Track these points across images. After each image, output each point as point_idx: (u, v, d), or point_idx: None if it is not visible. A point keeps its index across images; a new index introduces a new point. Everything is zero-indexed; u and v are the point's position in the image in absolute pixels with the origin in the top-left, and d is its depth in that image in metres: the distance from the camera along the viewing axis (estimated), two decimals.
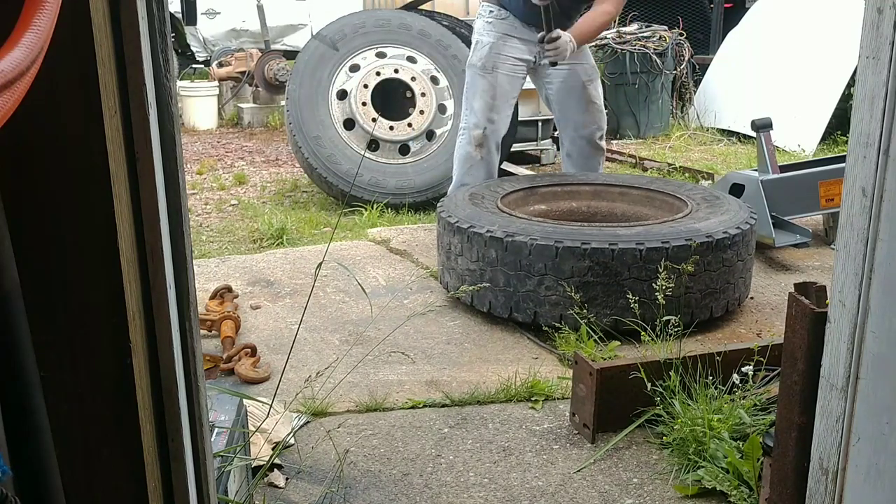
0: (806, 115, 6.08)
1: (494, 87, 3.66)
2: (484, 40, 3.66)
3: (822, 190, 3.67)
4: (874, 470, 1.16)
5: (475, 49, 3.70)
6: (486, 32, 3.67)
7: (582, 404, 2.18)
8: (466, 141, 3.74)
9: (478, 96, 3.67)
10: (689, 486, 1.92)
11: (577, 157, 3.89)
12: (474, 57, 3.69)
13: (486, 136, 3.70)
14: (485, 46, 3.65)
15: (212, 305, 2.97)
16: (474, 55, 3.70)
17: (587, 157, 3.88)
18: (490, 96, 3.66)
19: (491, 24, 3.66)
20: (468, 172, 3.75)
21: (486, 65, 3.65)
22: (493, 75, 3.65)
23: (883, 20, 1.07)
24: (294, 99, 4.66)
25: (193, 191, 5.19)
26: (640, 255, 2.64)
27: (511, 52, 3.66)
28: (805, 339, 1.33)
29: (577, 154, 3.88)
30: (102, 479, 0.96)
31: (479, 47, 3.68)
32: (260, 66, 7.75)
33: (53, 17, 0.72)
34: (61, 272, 0.89)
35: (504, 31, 3.64)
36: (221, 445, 1.64)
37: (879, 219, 1.10)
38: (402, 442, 2.18)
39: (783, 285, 3.32)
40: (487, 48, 3.64)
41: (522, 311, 2.77)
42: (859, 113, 1.13)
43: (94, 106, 0.85)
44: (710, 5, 8.73)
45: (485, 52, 3.65)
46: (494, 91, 3.66)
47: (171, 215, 0.99)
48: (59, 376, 0.91)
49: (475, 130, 3.69)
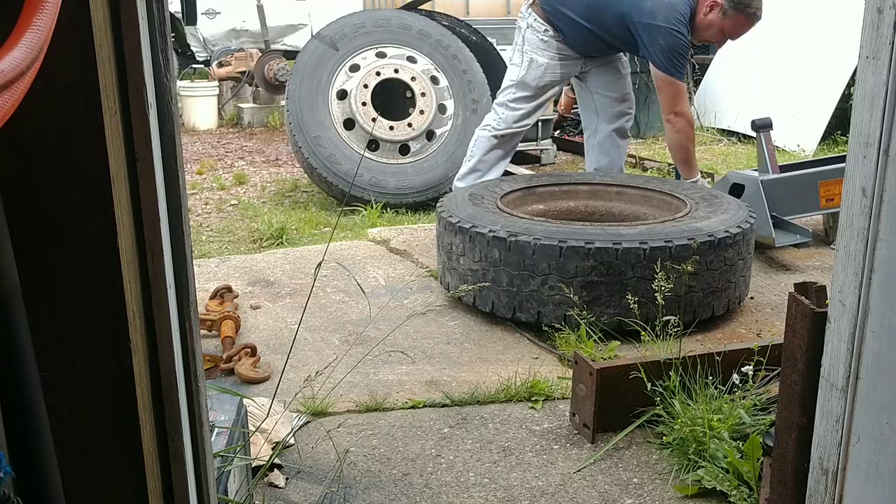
0: (806, 115, 6.07)
1: (540, 102, 3.87)
2: (539, 60, 3.74)
3: (822, 190, 3.67)
4: (874, 470, 1.16)
5: (529, 67, 3.76)
6: (542, 52, 3.74)
7: (582, 404, 2.18)
8: (492, 131, 3.88)
9: (521, 106, 3.83)
10: (689, 486, 1.92)
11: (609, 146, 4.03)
12: (528, 76, 3.77)
13: (515, 136, 3.92)
14: (539, 67, 3.74)
15: (212, 305, 2.97)
16: (528, 74, 3.77)
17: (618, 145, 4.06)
18: (534, 108, 3.87)
19: (547, 42, 3.73)
20: (484, 158, 3.89)
21: (539, 85, 3.79)
22: (544, 93, 3.83)
23: (883, 20, 1.07)
24: (294, 99, 4.65)
25: (193, 191, 5.19)
26: (643, 255, 2.64)
27: (562, 70, 3.79)
28: (805, 339, 1.33)
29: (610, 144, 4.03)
30: (102, 479, 0.96)
31: (533, 67, 3.75)
32: (260, 66, 7.74)
33: (53, 17, 0.72)
34: (61, 272, 0.89)
35: (558, 51, 3.74)
36: (221, 445, 1.64)
37: (879, 219, 1.10)
38: (402, 442, 2.18)
39: (783, 285, 3.32)
40: (542, 69, 3.75)
41: (526, 311, 2.77)
42: (859, 113, 1.13)
43: (94, 106, 0.85)
44: None
45: (539, 72, 3.75)
46: (539, 105, 3.89)
47: (171, 215, 0.99)
48: (59, 376, 0.91)
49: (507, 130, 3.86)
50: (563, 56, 3.77)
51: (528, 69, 3.78)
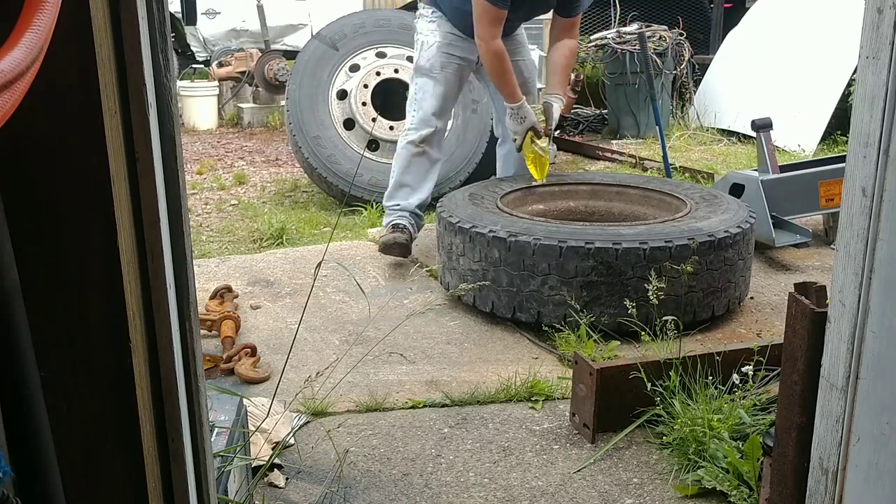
0: (806, 115, 6.07)
1: (444, 88, 3.57)
2: (429, 41, 3.55)
3: (822, 190, 3.67)
4: (874, 470, 1.16)
5: (422, 50, 3.57)
6: (431, 33, 3.56)
7: (582, 404, 2.18)
8: (409, 139, 3.60)
9: (428, 98, 3.57)
10: (689, 486, 1.92)
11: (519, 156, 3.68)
12: (422, 59, 3.57)
13: (434, 135, 3.60)
14: (431, 47, 3.54)
15: (212, 305, 2.97)
16: (422, 57, 3.57)
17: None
18: (442, 98, 3.57)
19: (435, 23, 3.55)
20: (407, 170, 3.61)
21: (434, 66, 3.54)
22: (443, 75, 3.55)
23: (883, 20, 1.07)
24: (294, 99, 4.66)
25: (193, 191, 5.19)
26: (643, 255, 2.64)
27: (457, 52, 3.55)
28: (805, 339, 1.33)
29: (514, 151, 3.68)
30: (102, 479, 0.96)
31: (425, 48, 3.56)
32: (260, 66, 7.74)
33: (53, 17, 0.72)
34: (61, 272, 0.89)
35: (449, 31, 3.54)
36: (221, 445, 1.64)
37: (879, 219, 1.10)
38: (402, 442, 2.18)
39: (783, 285, 3.32)
40: (435, 48, 3.54)
41: (526, 311, 2.77)
42: (859, 113, 1.13)
43: (94, 106, 0.85)
44: (710, 5, 8.73)
45: (432, 52, 3.54)
46: (445, 92, 3.58)
47: (171, 215, 0.99)
48: (59, 376, 0.91)
49: (424, 130, 3.56)
50: (453, 36, 3.53)
51: (419, 53, 3.59)
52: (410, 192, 3.61)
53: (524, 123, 3.45)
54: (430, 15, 3.58)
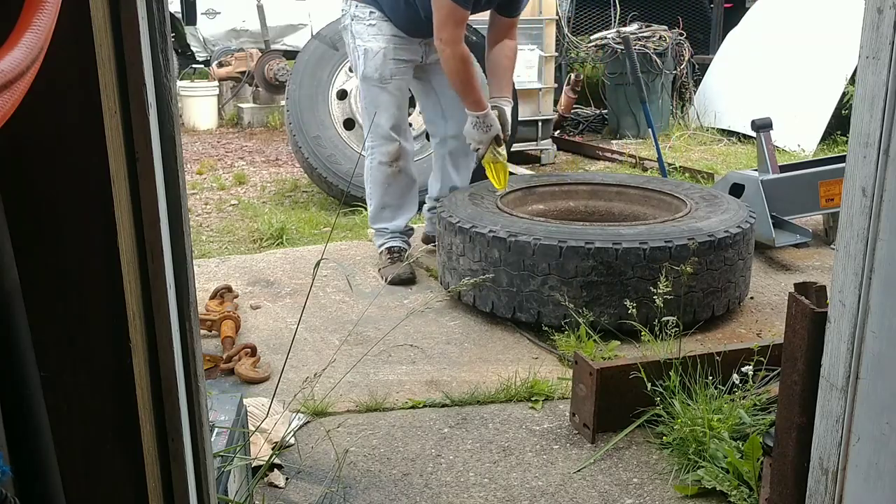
0: (806, 115, 6.07)
1: (397, 97, 3.36)
2: (373, 47, 3.29)
3: (822, 190, 3.67)
4: (874, 470, 1.16)
5: (366, 58, 3.30)
6: (373, 38, 3.30)
7: (582, 404, 2.18)
8: (378, 160, 3.41)
9: (382, 110, 3.34)
10: (689, 486, 1.92)
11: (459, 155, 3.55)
12: (368, 68, 3.30)
13: (401, 148, 3.40)
14: (377, 55, 3.28)
15: (212, 305, 2.97)
16: (368, 66, 3.30)
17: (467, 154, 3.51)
18: (396, 107, 3.36)
19: (376, 26, 3.29)
20: (387, 191, 3.46)
21: (383, 75, 3.30)
22: (394, 84, 3.33)
23: (883, 20, 1.07)
24: (294, 99, 4.66)
25: (193, 191, 5.19)
26: (643, 255, 2.64)
27: (405, 56, 3.34)
28: (805, 339, 1.33)
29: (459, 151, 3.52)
30: (102, 479, 0.96)
31: (370, 56, 3.29)
32: (260, 66, 7.74)
33: (53, 17, 0.72)
34: (61, 272, 0.89)
35: (393, 34, 3.30)
36: (221, 445, 1.64)
37: (879, 219, 1.10)
38: (402, 442, 2.18)
39: (783, 285, 3.32)
40: (381, 56, 3.28)
41: (526, 311, 2.77)
42: (859, 113, 1.13)
43: (94, 106, 0.85)
44: (710, 5, 8.72)
45: (379, 61, 3.29)
46: (398, 101, 3.37)
47: (171, 215, 0.99)
48: (59, 376, 0.91)
49: (389, 146, 3.38)
50: (399, 39, 3.30)
51: (364, 62, 3.31)
52: (395, 212, 3.51)
53: (489, 133, 3.23)
54: (367, 17, 3.30)
